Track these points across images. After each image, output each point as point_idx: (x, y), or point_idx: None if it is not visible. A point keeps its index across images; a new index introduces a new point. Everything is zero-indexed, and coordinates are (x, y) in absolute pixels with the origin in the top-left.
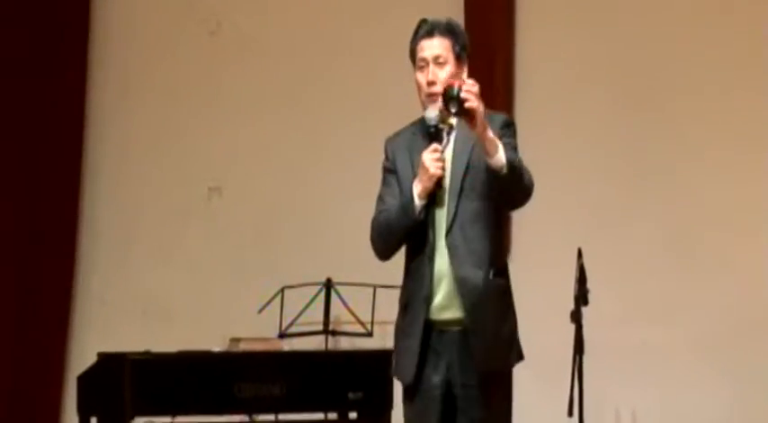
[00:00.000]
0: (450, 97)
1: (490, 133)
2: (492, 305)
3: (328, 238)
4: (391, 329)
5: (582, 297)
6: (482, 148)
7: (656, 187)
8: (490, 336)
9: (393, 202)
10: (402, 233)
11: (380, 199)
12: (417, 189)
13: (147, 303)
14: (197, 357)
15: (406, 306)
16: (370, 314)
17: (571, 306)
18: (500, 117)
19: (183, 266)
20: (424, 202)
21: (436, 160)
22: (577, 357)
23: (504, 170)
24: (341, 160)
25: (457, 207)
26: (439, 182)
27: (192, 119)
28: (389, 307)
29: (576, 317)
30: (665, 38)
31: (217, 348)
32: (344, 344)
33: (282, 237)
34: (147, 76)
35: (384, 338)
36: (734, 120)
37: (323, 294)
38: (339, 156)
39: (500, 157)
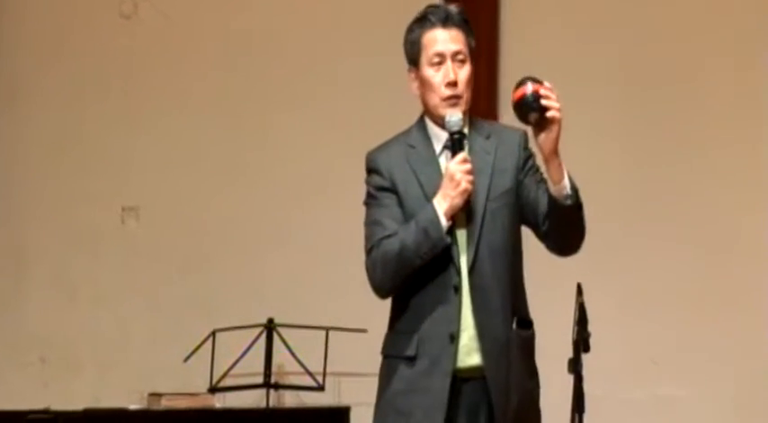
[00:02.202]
0: (530, 106)
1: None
2: (516, 361)
3: (269, 270)
4: (348, 383)
5: (582, 342)
6: (548, 171)
7: (673, 211)
8: (516, 396)
9: (395, 225)
10: (420, 262)
11: (377, 223)
12: (443, 207)
13: (45, 349)
14: (108, 417)
15: (415, 354)
16: (322, 363)
17: (569, 353)
18: (517, 133)
19: (91, 304)
20: (450, 224)
21: (466, 172)
22: (577, 416)
23: (569, 201)
24: (286, 173)
25: (479, 237)
26: (467, 200)
27: (102, 122)
28: (345, 354)
29: (575, 366)
30: (677, 42)
31: (133, 406)
32: (290, 399)
33: (213, 268)
34: (45, 71)
35: (338, 392)
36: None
37: (263, 339)
38: (284, 167)
39: (566, 183)
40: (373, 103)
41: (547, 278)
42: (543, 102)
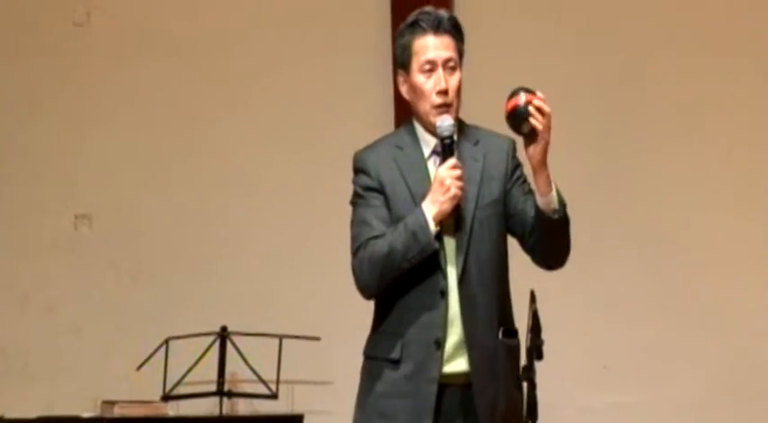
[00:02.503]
0: (523, 117)
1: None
2: (503, 369)
3: (223, 278)
4: (301, 391)
5: (535, 350)
6: (536, 182)
7: (631, 218)
8: (503, 404)
9: (383, 226)
10: (408, 265)
11: (364, 223)
12: (432, 211)
13: None
14: None
15: (399, 357)
16: (275, 371)
17: (522, 361)
18: (506, 141)
19: (44, 312)
20: (438, 229)
21: (456, 178)
22: None
23: (557, 215)
24: (240, 179)
25: (468, 246)
26: (456, 206)
27: (54, 129)
28: (298, 362)
29: (528, 374)
30: (644, 50)
31: (86, 414)
32: (243, 407)
33: (167, 275)
34: None
35: (291, 401)
36: (725, 141)
37: (216, 346)
38: (237, 175)
39: (554, 196)
40: (327, 112)
41: None
42: (542, 108)
